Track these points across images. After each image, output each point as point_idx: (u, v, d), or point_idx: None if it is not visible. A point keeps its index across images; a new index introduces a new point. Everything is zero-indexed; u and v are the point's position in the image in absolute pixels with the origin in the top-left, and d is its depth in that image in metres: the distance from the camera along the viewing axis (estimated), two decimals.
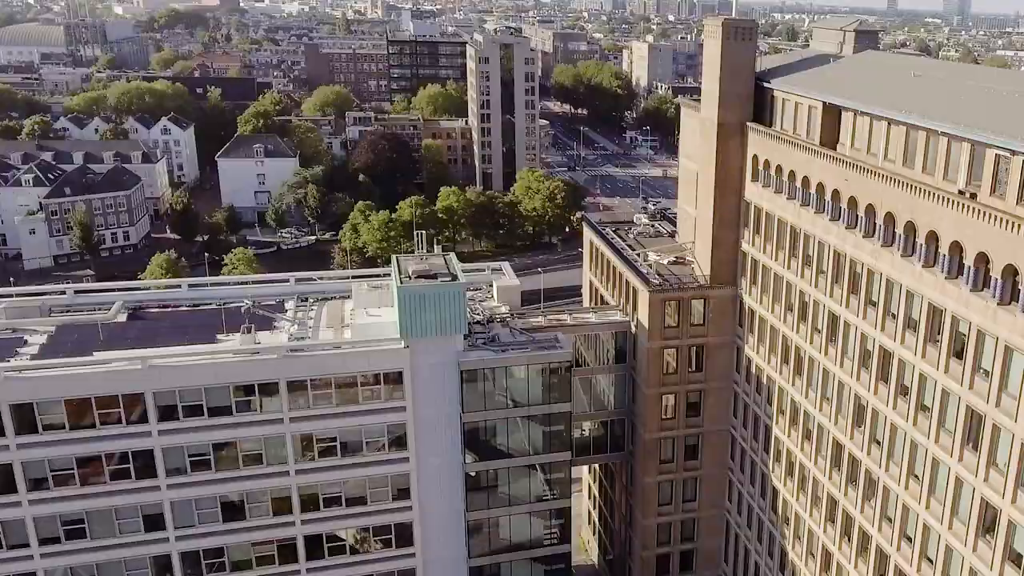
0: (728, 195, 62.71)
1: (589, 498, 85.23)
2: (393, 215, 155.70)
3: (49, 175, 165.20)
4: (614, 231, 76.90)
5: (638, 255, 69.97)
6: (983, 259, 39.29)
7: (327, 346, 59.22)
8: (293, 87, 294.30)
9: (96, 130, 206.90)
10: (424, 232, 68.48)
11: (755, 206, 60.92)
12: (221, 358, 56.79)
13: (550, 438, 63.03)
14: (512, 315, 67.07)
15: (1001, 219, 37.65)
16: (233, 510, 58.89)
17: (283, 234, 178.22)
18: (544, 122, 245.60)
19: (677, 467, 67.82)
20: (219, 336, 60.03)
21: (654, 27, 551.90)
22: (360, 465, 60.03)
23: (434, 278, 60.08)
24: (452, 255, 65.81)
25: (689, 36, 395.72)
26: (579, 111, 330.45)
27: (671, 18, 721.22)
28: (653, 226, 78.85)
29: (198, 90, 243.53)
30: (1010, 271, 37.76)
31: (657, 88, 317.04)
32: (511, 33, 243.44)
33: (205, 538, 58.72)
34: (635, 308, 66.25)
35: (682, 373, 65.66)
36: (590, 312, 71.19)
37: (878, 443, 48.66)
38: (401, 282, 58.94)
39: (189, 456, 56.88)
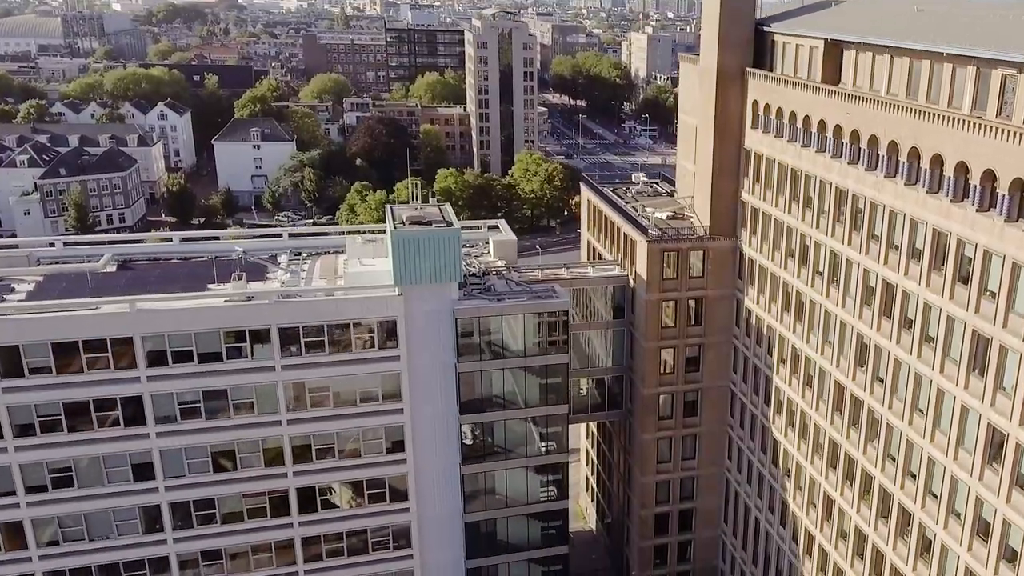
0: (727, 144, 61.76)
1: (587, 464, 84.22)
2: (391, 196, 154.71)
3: (44, 156, 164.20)
4: (612, 190, 75.92)
5: (636, 210, 69.02)
6: (990, 176, 38.31)
7: (320, 292, 58.23)
8: (291, 77, 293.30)
9: (92, 115, 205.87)
10: (420, 180, 67.37)
11: (755, 153, 59.96)
12: (212, 303, 55.80)
13: (547, 391, 61.98)
14: (508, 269, 66.12)
15: (1009, 132, 36.70)
16: (224, 461, 57.83)
17: (280, 218, 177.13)
18: (543, 108, 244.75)
19: (676, 424, 66.77)
20: (210, 286, 59.00)
21: (652, 23, 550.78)
22: (353, 416, 58.96)
23: (428, 225, 59.14)
24: (447, 205, 64.83)
25: (688, 28, 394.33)
26: (578, 102, 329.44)
27: (670, 15, 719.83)
28: (652, 185, 77.92)
29: (195, 77, 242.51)
30: (1017, 185, 36.78)
31: (656, 79, 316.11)
32: (509, 18, 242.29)
33: (195, 489, 57.62)
34: (633, 261, 65.25)
35: (681, 327, 64.64)
36: (588, 267, 70.18)
37: (880, 381, 47.68)
38: (395, 227, 57.99)
39: (179, 404, 55.81)
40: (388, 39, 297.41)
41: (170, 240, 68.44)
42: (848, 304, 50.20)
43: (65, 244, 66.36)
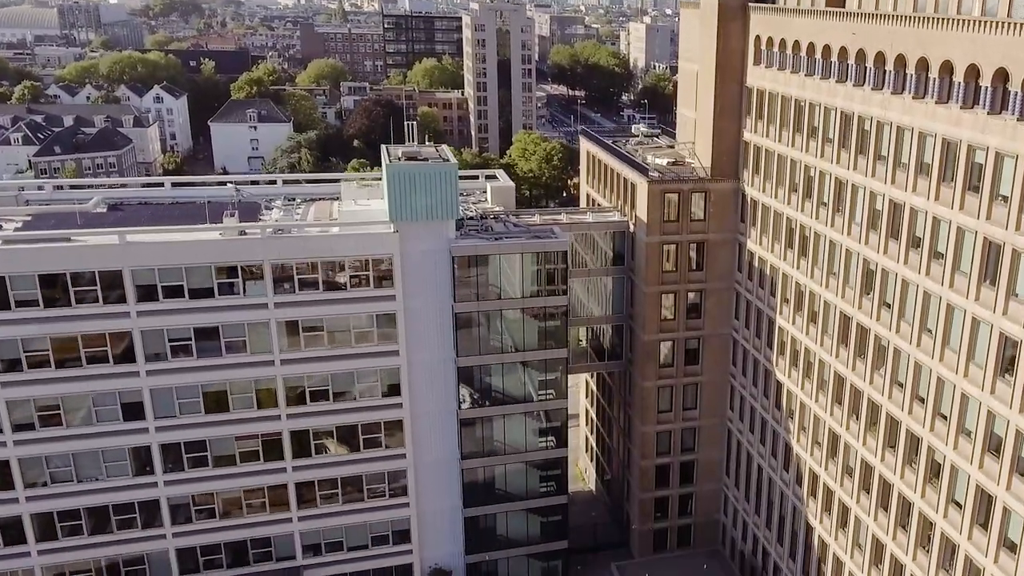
0: (729, 83, 60.65)
1: (586, 424, 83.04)
2: None
3: (39, 134, 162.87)
4: (612, 142, 74.74)
5: (636, 154, 67.92)
6: (1001, 76, 37.22)
7: (314, 227, 57.07)
8: (288, 66, 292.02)
9: (88, 98, 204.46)
10: (416, 122, 66.36)
11: (757, 90, 58.87)
12: (203, 236, 54.62)
13: (546, 334, 60.84)
14: (507, 213, 65.00)
15: (1022, 28, 35.60)
16: (216, 401, 56.59)
17: None
18: (541, 93, 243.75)
19: (677, 372, 65.59)
20: (202, 226, 57.82)
21: (650, 19, 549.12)
22: (348, 357, 57.73)
23: (425, 161, 58.00)
24: (444, 146, 63.72)
25: None
26: (576, 92, 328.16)
27: (668, 12, 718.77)
28: (652, 137, 76.74)
29: (191, 63, 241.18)
30: None
31: (655, 68, 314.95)
32: (508, 1, 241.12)
33: (186, 430, 56.41)
34: (633, 206, 64.11)
35: (682, 272, 63.47)
36: (587, 213, 69.03)
37: (888, 306, 46.56)
38: (390, 162, 56.84)
39: (169, 341, 54.57)
40: (386, 25, 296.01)
41: (161, 185, 67.11)
42: (854, 231, 49.07)
43: (55, 188, 65.25)
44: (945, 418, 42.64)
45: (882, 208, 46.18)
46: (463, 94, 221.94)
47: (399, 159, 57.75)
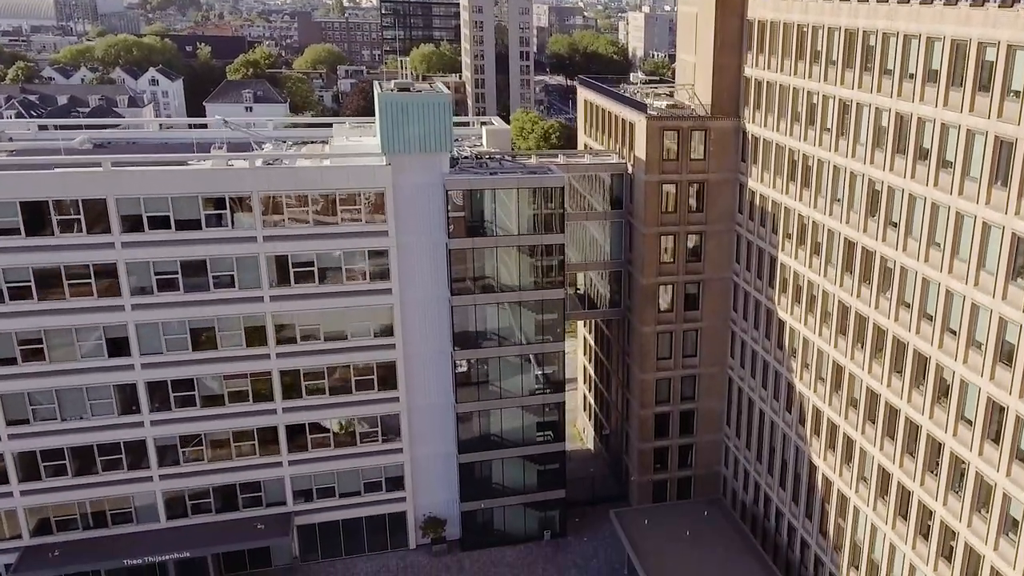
0: (729, 17, 59.29)
1: (585, 383, 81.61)
2: None
3: (32, 112, 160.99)
4: (610, 88, 73.35)
5: (635, 96, 66.55)
6: None
7: (305, 157, 55.68)
8: (285, 53, 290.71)
9: (82, 79, 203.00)
10: (410, 60, 64.82)
11: (759, 22, 57.50)
12: (191, 167, 53.26)
13: (543, 273, 59.49)
14: (503, 155, 63.66)
15: None
16: (203, 339, 55.18)
17: None
18: (540, 78, 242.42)
19: (677, 318, 64.13)
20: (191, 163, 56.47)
21: (650, 4, 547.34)
22: (339, 295, 56.37)
23: (418, 93, 56.66)
24: (439, 82, 62.34)
25: None
26: (574, 81, 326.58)
27: (668, 8, 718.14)
28: (650, 83, 75.37)
29: (188, 48, 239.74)
30: None
31: (654, 57, 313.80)
32: None
33: (173, 368, 55.04)
34: (632, 147, 62.74)
35: (681, 213, 62.04)
36: (584, 155, 67.63)
37: (894, 225, 45.18)
38: (382, 92, 55.49)
39: (155, 274, 53.19)
40: (383, 11, 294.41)
41: (148, 129, 65.73)
42: (859, 152, 47.70)
43: (40, 128, 63.84)
44: (954, 333, 41.23)
45: (888, 124, 44.80)
46: (460, 77, 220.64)
47: (392, 91, 56.34)
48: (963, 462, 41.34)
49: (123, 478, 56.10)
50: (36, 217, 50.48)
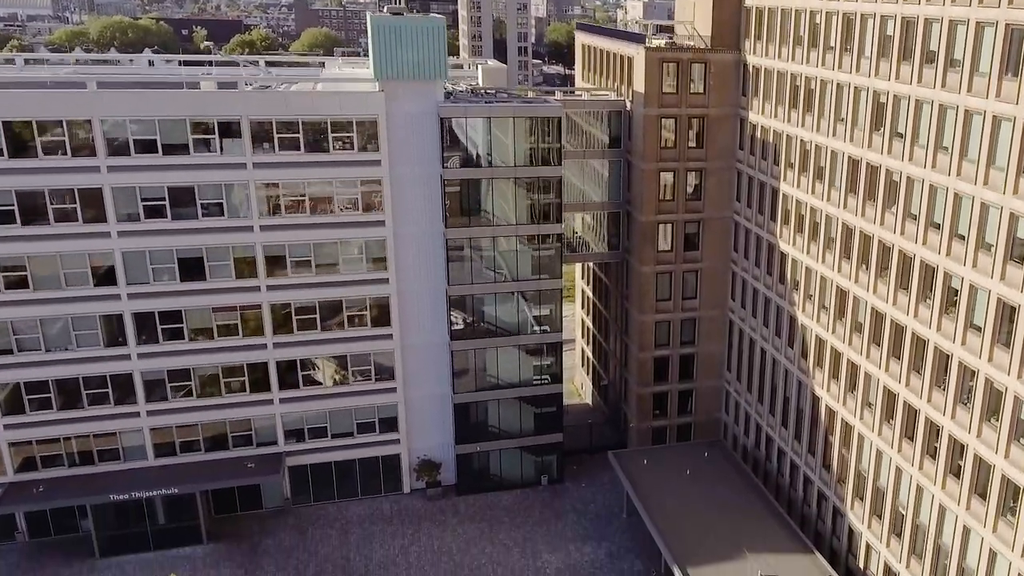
0: None
1: (583, 336, 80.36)
2: None
3: None
4: (609, 31, 72.19)
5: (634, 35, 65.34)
6: None
7: (297, 81, 54.40)
8: (282, 38, 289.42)
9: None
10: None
11: None
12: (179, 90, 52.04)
13: (540, 209, 58.22)
14: (498, 90, 62.42)
15: None
16: (192, 269, 53.88)
17: None
18: (537, 61, 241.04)
19: (676, 258, 62.88)
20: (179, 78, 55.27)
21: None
22: (331, 226, 55.14)
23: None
24: (433, 15, 61.10)
25: None
26: (573, 71, 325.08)
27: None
28: (648, 27, 74.01)
29: (184, 31, 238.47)
30: None
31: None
32: None
33: (160, 299, 53.71)
34: (631, 83, 61.52)
35: (681, 149, 60.80)
36: (582, 92, 66.38)
37: (900, 136, 43.95)
38: (375, 15, 54.24)
39: (142, 200, 51.90)
40: None
41: (137, 65, 64.42)
42: (863, 66, 46.44)
43: (26, 62, 62.55)
44: (963, 238, 40.01)
45: (894, 31, 43.56)
46: (459, 59, 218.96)
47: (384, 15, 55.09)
48: (972, 371, 40.09)
49: (109, 413, 54.77)
50: (20, 139, 49.18)
